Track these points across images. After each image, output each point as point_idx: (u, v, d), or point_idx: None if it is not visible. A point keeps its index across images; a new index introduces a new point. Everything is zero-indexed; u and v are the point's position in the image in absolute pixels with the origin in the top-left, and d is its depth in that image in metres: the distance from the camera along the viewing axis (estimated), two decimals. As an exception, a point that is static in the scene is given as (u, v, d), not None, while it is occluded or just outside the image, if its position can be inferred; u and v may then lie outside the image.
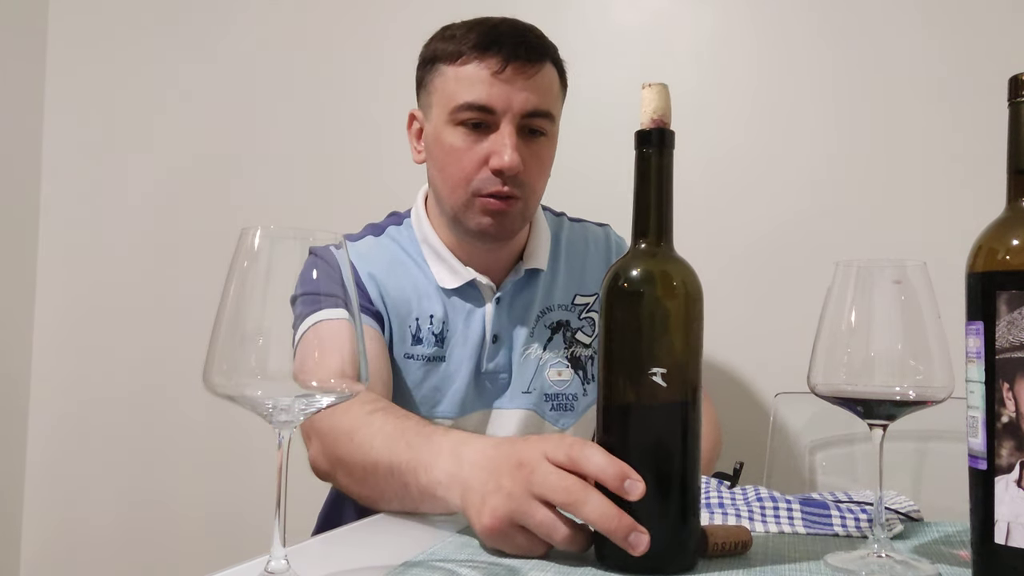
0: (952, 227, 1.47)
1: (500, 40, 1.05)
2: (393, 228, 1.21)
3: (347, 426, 0.88)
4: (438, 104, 1.10)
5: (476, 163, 1.07)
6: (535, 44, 1.08)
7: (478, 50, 1.05)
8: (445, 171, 1.10)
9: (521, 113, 1.06)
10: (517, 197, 1.08)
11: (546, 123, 1.10)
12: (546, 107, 1.08)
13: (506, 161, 1.04)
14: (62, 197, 2.05)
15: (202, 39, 1.98)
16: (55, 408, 2.03)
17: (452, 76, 1.07)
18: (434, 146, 1.11)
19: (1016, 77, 0.63)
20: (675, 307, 0.67)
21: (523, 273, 1.18)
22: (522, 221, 1.12)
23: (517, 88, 1.05)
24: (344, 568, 0.66)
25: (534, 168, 1.09)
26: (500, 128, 1.06)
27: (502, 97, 1.05)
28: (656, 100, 0.68)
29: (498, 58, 1.05)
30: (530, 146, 1.09)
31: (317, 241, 0.60)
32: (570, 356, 1.20)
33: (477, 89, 1.05)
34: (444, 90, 1.08)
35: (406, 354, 1.12)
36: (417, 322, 1.13)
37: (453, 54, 1.07)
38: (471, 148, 1.07)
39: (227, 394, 0.57)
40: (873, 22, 1.60)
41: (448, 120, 1.08)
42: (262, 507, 1.83)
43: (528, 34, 1.09)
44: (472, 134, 1.07)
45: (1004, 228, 0.63)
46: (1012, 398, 0.59)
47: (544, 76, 1.08)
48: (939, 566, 0.68)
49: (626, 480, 0.63)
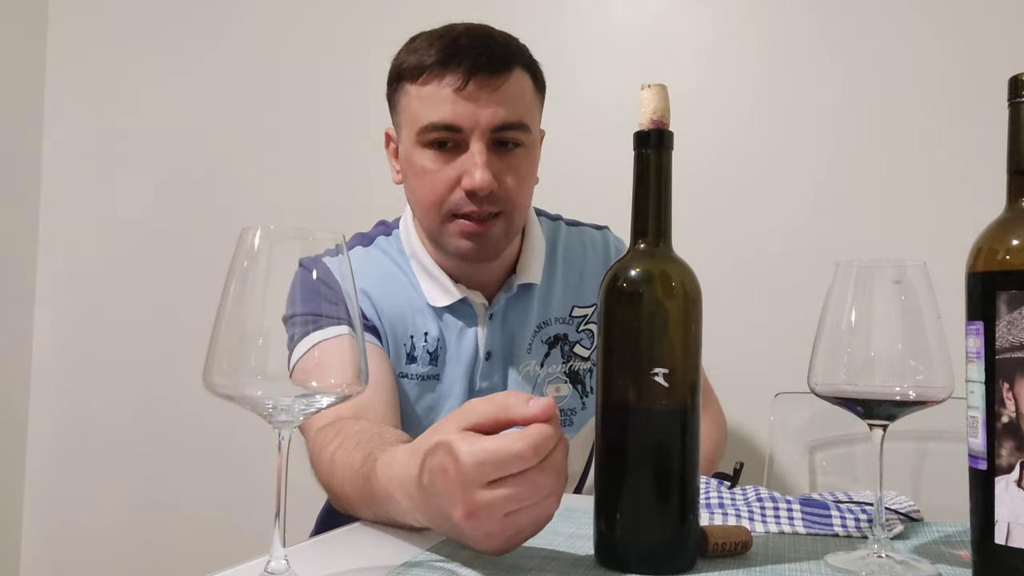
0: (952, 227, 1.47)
1: (459, 54, 1.00)
2: (383, 239, 1.17)
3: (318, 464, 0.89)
4: (406, 125, 1.06)
5: (448, 184, 1.03)
6: (498, 54, 1.02)
7: (438, 67, 1.00)
8: (417, 194, 1.06)
9: (490, 128, 1.01)
10: (497, 214, 1.04)
11: (519, 134, 1.04)
12: (516, 118, 1.03)
13: (477, 181, 1.00)
14: (62, 197, 2.05)
15: (202, 40, 1.98)
16: (55, 409, 2.03)
17: (415, 95, 1.03)
18: (406, 168, 1.07)
19: (1016, 77, 0.63)
20: (674, 307, 0.67)
21: (516, 289, 1.14)
22: (507, 238, 1.08)
23: (482, 103, 1.00)
24: (344, 568, 0.66)
25: (512, 181, 1.04)
26: (470, 146, 1.01)
27: (467, 115, 1.00)
28: (655, 101, 0.68)
29: (458, 73, 0.99)
30: (505, 159, 1.04)
31: (317, 241, 0.60)
32: (568, 371, 1.17)
33: (440, 109, 1.00)
34: (409, 110, 1.04)
35: (401, 373, 1.10)
36: (412, 340, 1.10)
37: (415, 71, 1.02)
38: (441, 169, 1.03)
39: (227, 394, 0.57)
40: (873, 22, 1.60)
41: (416, 141, 1.04)
42: (262, 507, 1.83)
43: (490, 43, 1.02)
44: (441, 155, 1.03)
45: (1004, 228, 0.63)
46: (1012, 398, 0.59)
47: (512, 85, 1.03)
48: (939, 566, 0.68)
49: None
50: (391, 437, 0.82)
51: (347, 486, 0.80)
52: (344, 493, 0.82)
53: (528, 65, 1.07)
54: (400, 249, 1.15)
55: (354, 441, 0.83)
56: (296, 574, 0.57)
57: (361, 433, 0.84)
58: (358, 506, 0.80)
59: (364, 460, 0.77)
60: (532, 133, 1.07)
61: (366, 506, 0.78)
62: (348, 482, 0.80)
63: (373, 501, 0.75)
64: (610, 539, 0.66)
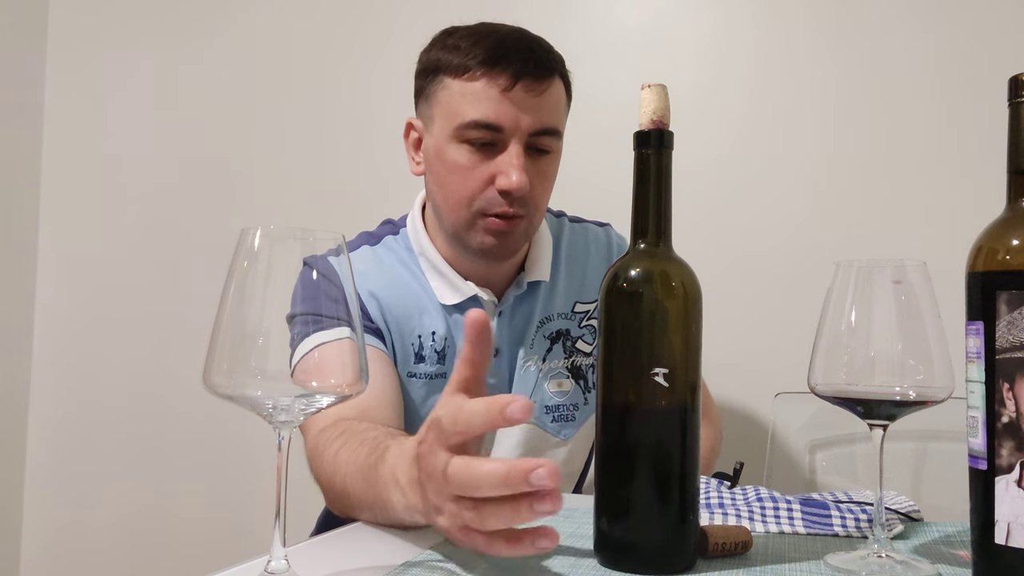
0: (952, 227, 1.47)
1: (509, 55, 1.01)
2: (390, 238, 1.17)
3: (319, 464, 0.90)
4: (441, 118, 1.05)
5: (481, 182, 1.04)
6: (544, 59, 1.04)
7: (486, 65, 1.01)
8: (447, 188, 1.06)
9: (529, 132, 1.03)
10: (522, 216, 1.06)
11: (553, 140, 1.07)
12: (553, 124, 1.05)
13: (515, 182, 1.01)
14: (62, 198, 2.05)
15: (202, 40, 1.98)
16: (55, 409, 2.03)
17: (458, 91, 1.03)
18: (435, 161, 1.07)
19: (1016, 77, 0.63)
20: (675, 307, 0.67)
21: (526, 286, 1.15)
22: (525, 239, 1.10)
23: (526, 106, 1.02)
24: (344, 568, 0.66)
25: (539, 186, 1.07)
26: (508, 147, 1.03)
27: (511, 116, 1.01)
28: (655, 101, 0.69)
29: (507, 75, 1.01)
30: (536, 164, 1.06)
31: (318, 241, 0.60)
32: (570, 366, 1.17)
33: (485, 107, 1.01)
34: (449, 105, 1.04)
35: (409, 373, 1.10)
36: (419, 339, 1.10)
37: (459, 67, 1.03)
38: (476, 167, 1.04)
39: (227, 394, 0.57)
40: (873, 22, 1.60)
41: (453, 136, 1.04)
42: (262, 507, 1.83)
43: (537, 48, 1.05)
44: (478, 152, 1.03)
45: (1004, 228, 0.63)
46: (1012, 398, 0.59)
47: (552, 92, 1.05)
48: (939, 566, 0.68)
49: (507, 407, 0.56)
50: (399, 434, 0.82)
51: (349, 482, 0.80)
52: (345, 490, 0.81)
53: (563, 75, 1.09)
54: (408, 247, 1.15)
55: (359, 439, 0.83)
56: (296, 574, 0.57)
57: (367, 431, 0.85)
58: (358, 504, 0.80)
59: (372, 451, 0.78)
60: (561, 140, 1.09)
61: (366, 502, 0.78)
62: (351, 478, 0.80)
63: (375, 490, 0.74)
64: (610, 539, 0.66)
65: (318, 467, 0.90)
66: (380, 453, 0.75)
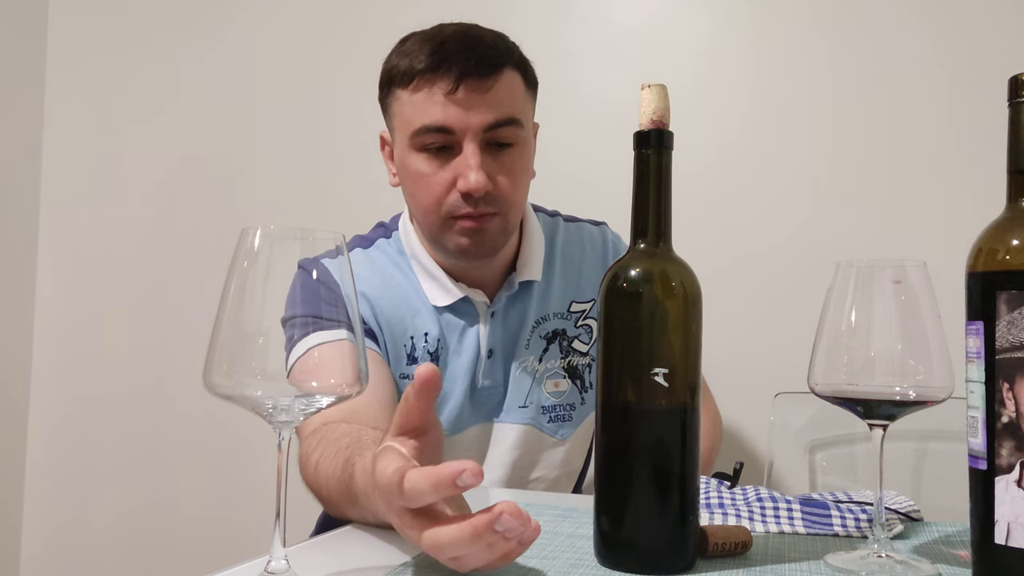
0: (952, 227, 1.48)
1: (449, 58, 1.01)
2: (382, 241, 1.18)
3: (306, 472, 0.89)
4: (398, 129, 1.07)
5: (444, 187, 1.04)
6: (487, 56, 1.02)
7: (428, 71, 1.01)
8: (416, 197, 1.07)
9: (482, 128, 1.02)
10: (493, 213, 1.05)
11: (512, 132, 1.05)
12: (508, 115, 1.03)
13: (472, 183, 1.01)
14: (62, 197, 2.05)
15: (202, 39, 1.98)
16: (55, 409, 2.03)
17: (407, 101, 1.04)
18: (402, 172, 1.09)
19: (1016, 77, 0.63)
20: (674, 307, 0.67)
21: (517, 286, 1.14)
22: (504, 235, 1.09)
23: (473, 104, 1.01)
24: (344, 568, 0.66)
25: (506, 181, 1.05)
26: (463, 148, 1.02)
27: (458, 117, 1.01)
28: (655, 101, 0.68)
29: (448, 78, 1.00)
30: (499, 159, 1.05)
31: (317, 241, 0.60)
32: (567, 366, 1.17)
33: (432, 111, 1.01)
34: (402, 115, 1.05)
35: (401, 374, 1.10)
36: (412, 341, 1.11)
37: (406, 76, 1.03)
38: (436, 172, 1.04)
39: (227, 394, 0.57)
40: (872, 22, 1.60)
41: (410, 145, 1.05)
42: (262, 507, 1.83)
43: (480, 46, 1.03)
44: (436, 158, 1.04)
45: (1004, 228, 0.63)
46: (1012, 398, 0.59)
47: (502, 85, 1.03)
48: (939, 566, 0.68)
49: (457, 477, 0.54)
50: (368, 440, 0.81)
51: (334, 494, 0.81)
52: (332, 500, 0.82)
53: (518, 63, 1.07)
54: (400, 250, 1.16)
55: (334, 449, 0.83)
56: (296, 574, 0.57)
57: (340, 440, 0.84)
58: (349, 510, 0.80)
59: (344, 466, 0.78)
60: (525, 129, 1.08)
61: (354, 509, 0.78)
62: (334, 491, 0.80)
63: (358, 504, 0.75)
64: (610, 539, 0.66)
65: (305, 476, 0.90)
66: (350, 471, 0.75)
